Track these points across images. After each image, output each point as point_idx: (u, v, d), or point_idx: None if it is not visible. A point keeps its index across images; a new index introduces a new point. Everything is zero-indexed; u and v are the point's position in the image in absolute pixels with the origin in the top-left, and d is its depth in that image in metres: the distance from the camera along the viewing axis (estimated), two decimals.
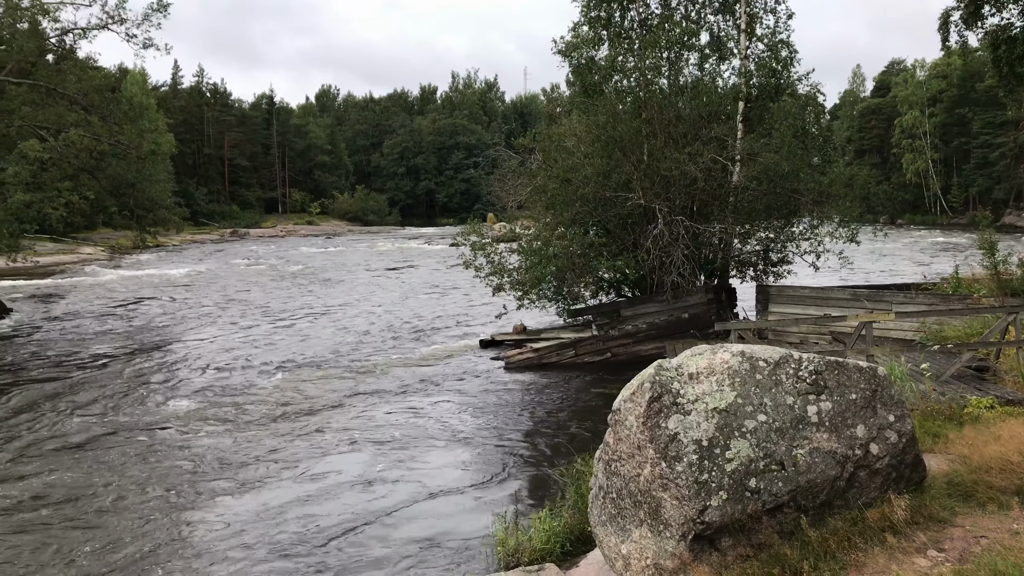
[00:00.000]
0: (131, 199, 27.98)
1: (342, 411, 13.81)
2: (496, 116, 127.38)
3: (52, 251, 50.04)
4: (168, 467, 10.96)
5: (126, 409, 14.16)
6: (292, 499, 9.58)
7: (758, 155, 17.81)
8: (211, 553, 8.19)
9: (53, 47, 26.77)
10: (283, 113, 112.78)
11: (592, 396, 14.82)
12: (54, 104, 25.93)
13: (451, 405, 14.16)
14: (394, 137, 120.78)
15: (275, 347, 19.94)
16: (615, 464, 5.14)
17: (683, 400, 4.86)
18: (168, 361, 18.57)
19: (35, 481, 10.40)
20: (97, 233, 63.78)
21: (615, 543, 5.17)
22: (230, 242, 73.77)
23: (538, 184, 18.67)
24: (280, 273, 41.07)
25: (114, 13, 25.76)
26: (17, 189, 23.15)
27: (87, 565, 7.94)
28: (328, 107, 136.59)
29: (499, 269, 18.56)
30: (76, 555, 8.17)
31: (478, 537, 8.34)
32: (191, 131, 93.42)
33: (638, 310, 18.15)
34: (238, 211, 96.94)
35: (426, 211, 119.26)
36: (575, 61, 20.21)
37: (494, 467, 10.87)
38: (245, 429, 12.76)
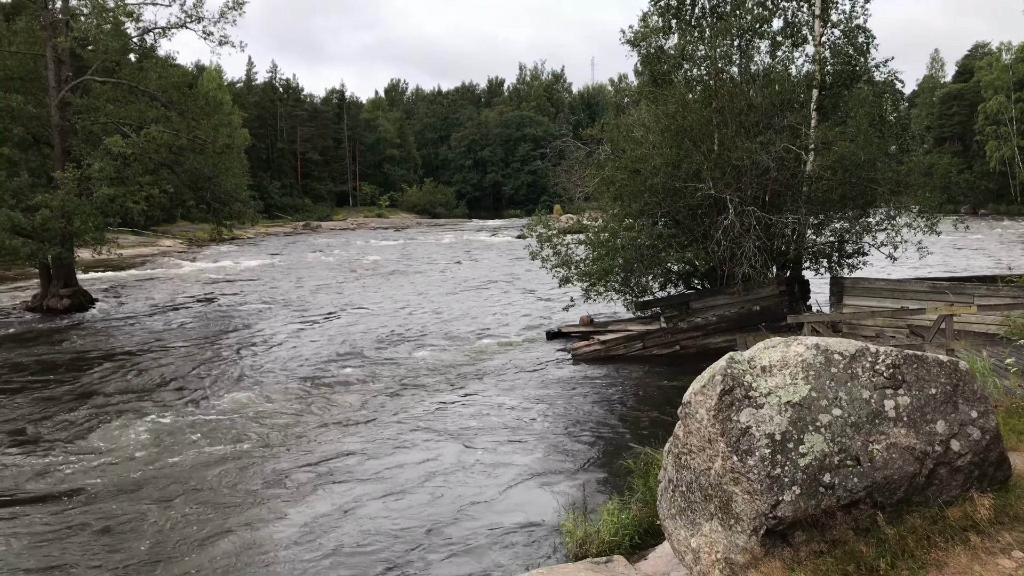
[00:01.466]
0: (208, 193, 28.80)
1: (409, 402, 14.00)
2: (563, 107, 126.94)
3: (134, 244, 51.91)
4: (242, 453, 11.29)
5: (202, 397, 14.63)
6: (365, 489, 9.75)
7: (833, 144, 17.36)
8: (284, 543, 8.41)
9: (135, 46, 27.72)
10: (353, 108, 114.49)
11: (660, 389, 14.71)
12: (136, 101, 26.90)
13: (518, 396, 14.22)
14: (462, 130, 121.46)
15: (345, 337, 20.31)
16: (685, 457, 5.10)
17: (755, 393, 4.79)
18: (242, 350, 19.10)
19: (122, 464, 10.84)
20: (176, 226, 65.89)
21: (685, 536, 5.14)
22: (303, 235, 75.36)
23: (606, 175, 18.54)
24: (350, 265, 41.78)
25: (192, 12, 26.58)
26: (102, 183, 24.06)
27: (176, 547, 8.26)
28: (397, 101, 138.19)
29: (566, 261, 18.53)
30: (160, 534, 8.51)
31: (546, 527, 8.38)
32: (265, 126, 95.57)
33: (708, 302, 17.91)
34: (310, 204, 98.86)
35: (493, 203, 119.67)
36: (644, 51, 20.01)
37: (561, 458, 10.89)
38: (318, 419, 13.05)
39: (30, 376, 16.58)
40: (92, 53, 26.43)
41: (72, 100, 25.52)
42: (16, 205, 23.30)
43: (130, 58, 27.96)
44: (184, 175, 27.70)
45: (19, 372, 17.02)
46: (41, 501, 9.56)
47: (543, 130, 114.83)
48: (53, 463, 10.94)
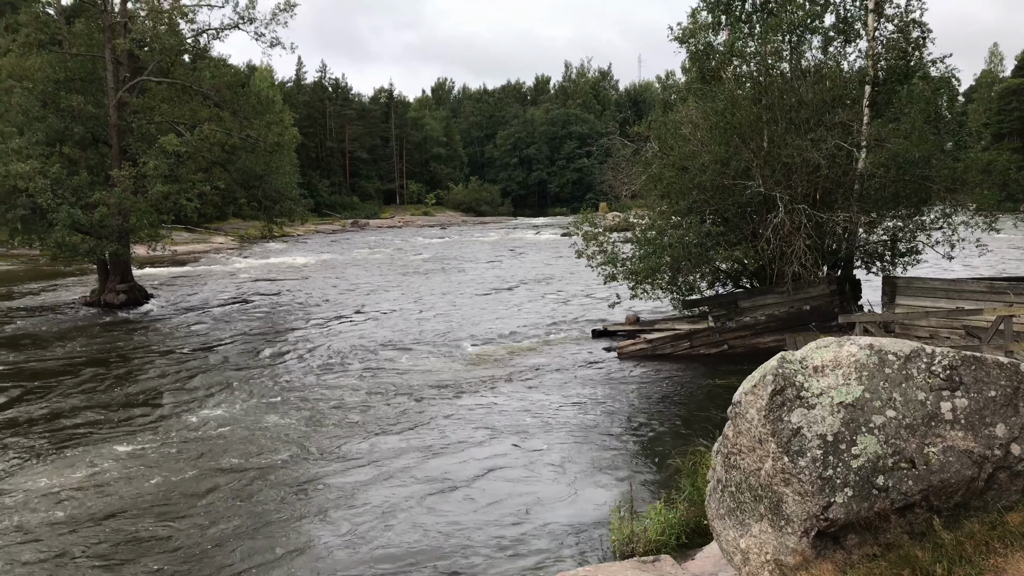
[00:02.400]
0: (259, 191, 29.27)
1: (453, 399, 14.09)
2: (609, 105, 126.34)
3: (187, 240, 53.01)
4: (291, 448, 11.48)
5: (250, 392, 14.90)
6: (413, 486, 9.84)
7: (886, 141, 17.02)
8: (335, 539, 8.53)
9: (189, 47, 28.30)
10: (400, 106, 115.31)
11: (708, 388, 14.59)
12: (190, 101, 27.47)
13: (563, 394, 14.22)
14: (507, 128, 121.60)
15: (391, 334, 20.50)
16: (734, 457, 5.06)
17: (807, 394, 4.74)
18: (290, 346, 19.40)
19: (169, 455, 11.10)
20: (228, 223, 67.12)
21: (733, 537, 5.10)
22: (351, 232, 76.22)
23: (653, 172, 18.42)
24: (397, 262, 42.15)
25: (244, 13, 27.04)
26: (156, 181, 24.62)
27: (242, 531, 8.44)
28: (443, 100, 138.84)
29: (612, 259, 18.45)
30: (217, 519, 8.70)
31: (592, 524, 8.38)
32: (314, 125, 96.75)
33: (757, 301, 17.70)
34: (358, 202, 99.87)
35: (538, 201, 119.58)
36: (692, 47, 19.82)
37: (607, 456, 10.87)
38: (366, 416, 13.21)
39: (89, 367, 17.05)
40: (148, 54, 27.06)
41: (129, 100, 26.16)
42: (76, 203, 23.95)
43: (184, 59, 28.53)
44: (236, 173, 28.20)
45: (78, 363, 17.51)
46: (94, 488, 9.84)
47: (589, 128, 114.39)
48: (107, 451, 11.25)
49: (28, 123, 25.05)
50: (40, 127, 25.16)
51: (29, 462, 10.98)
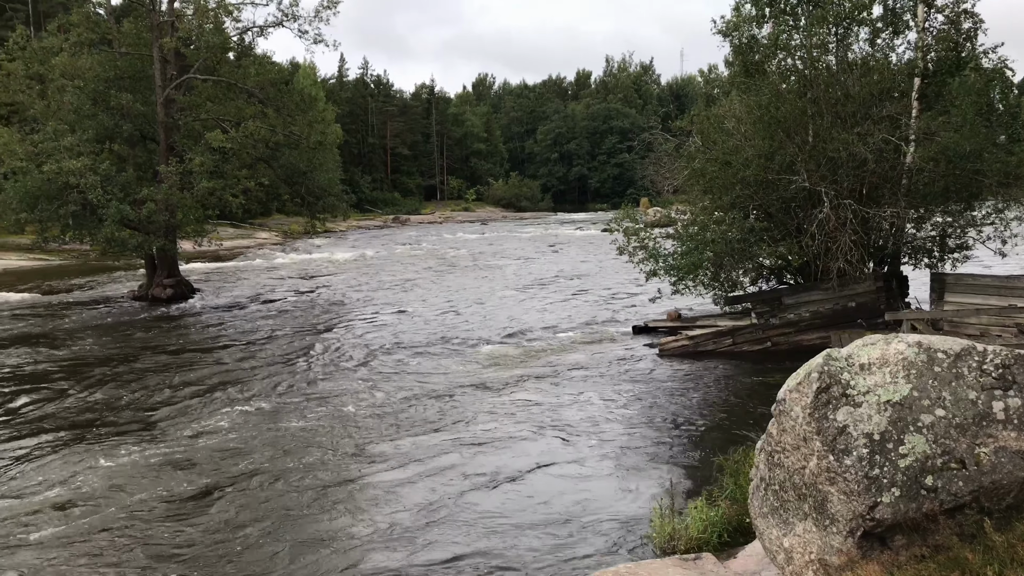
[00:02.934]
0: (303, 187, 29.62)
1: (493, 396, 14.11)
2: (651, 99, 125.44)
3: (232, 236, 53.82)
4: (331, 444, 11.61)
5: (293, 385, 15.10)
6: (455, 482, 9.87)
7: (935, 134, 16.64)
8: (377, 535, 8.61)
9: (234, 45, 28.72)
10: (441, 103, 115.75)
11: (750, 386, 14.43)
12: (235, 98, 27.87)
13: (604, 390, 14.17)
14: (548, 123, 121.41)
15: (430, 329, 20.61)
16: (778, 455, 5.00)
17: (853, 392, 4.66)
18: (330, 340, 19.62)
19: (216, 446, 11.30)
20: (272, 219, 68.01)
21: (777, 536, 5.05)
22: (392, 228, 76.76)
23: (696, 167, 18.24)
24: (437, 258, 42.35)
25: (288, 11, 27.36)
26: (202, 177, 25.06)
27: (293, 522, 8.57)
28: (484, 95, 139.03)
29: (653, 255, 18.32)
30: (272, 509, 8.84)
31: (633, 522, 8.34)
32: (356, 121, 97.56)
33: (801, 298, 17.46)
34: (399, 198, 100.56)
35: (578, 197, 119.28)
36: (736, 40, 19.57)
37: (648, 453, 10.82)
38: (406, 411, 13.30)
39: (134, 360, 17.42)
40: (194, 52, 27.52)
41: (176, 97, 26.63)
42: (125, 199, 24.47)
43: (229, 56, 28.96)
44: (280, 169, 28.57)
45: (125, 356, 17.90)
46: (144, 476, 10.06)
47: (630, 122, 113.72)
48: (158, 442, 11.48)
49: (79, 121, 25.64)
50: (91, 125, 25.74)
51: (74, 451, 11.25)
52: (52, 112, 25.57)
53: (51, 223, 25.55)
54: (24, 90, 25.95)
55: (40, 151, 24.27)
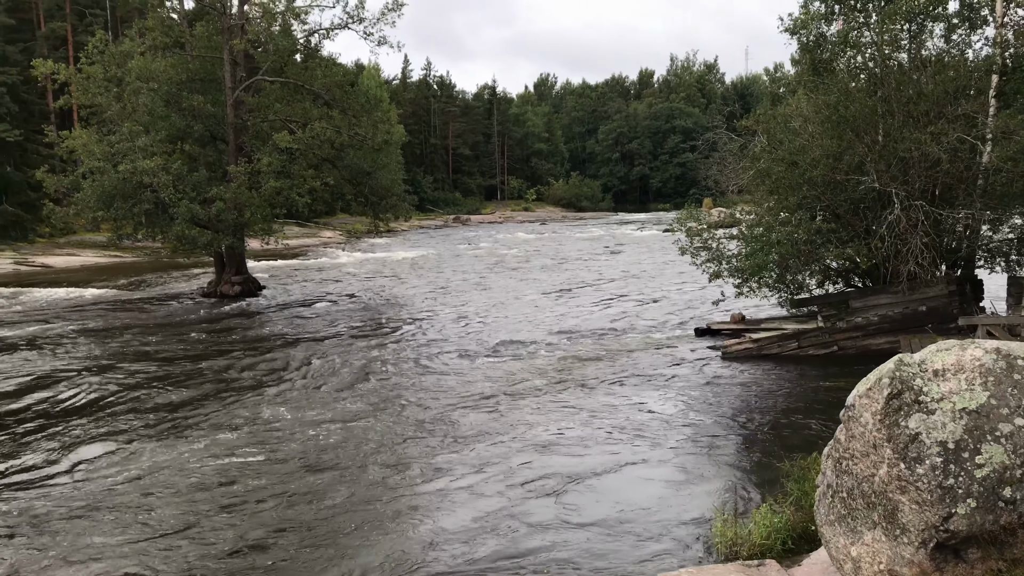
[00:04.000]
0: (366, 187, 30.05)
1: (553, 397, 14.09)
2: (715, 98, 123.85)
3: (297, 235, 54.92)
4: (395, 443, 11.75)
5: (358, 381, 15.33)
6: (507, 482, 9.88)
7: (1015, 133, 16.04)
8: (442, 537, 8.68)
9: (301, 47, 29.28)
10: (503, 103, 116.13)
11: (816, 390, 14.13)
12: (301, 99, 28.42)
13: (665, 392, 14.04)
14: (609, 123, 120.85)
15: (491, 329, 20.69)
16: (846, 462, 4.89)
17: (926, 398, 4.53)
18: (391, 338, 19.85)
19: (282, 441, 11.54)
20: (336, 218, 69.20)
21: (844, 544, 4.94)
22: (453, 228, 77.37)
23: (761, 167, 17.92)
24: (497, 258, 42.50)
25: (354, 13, 27.77)
26: (270, 177, 25.61)
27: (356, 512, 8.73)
28: (546, 95, 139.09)
29: (717, 256, 18.08)
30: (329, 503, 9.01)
31: (695, 526, 8.25)
32: (419, 122, 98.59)
33: (869, 301, 17.02)
34: (460, 198, 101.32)
35: (639, 197, 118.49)
36: (803, 38, 19.19)
37: (711, 456, 10.68)
38: (459, 409, 13.39)
39: (203, 355, 17.90)
40: (263, 55, 28.14)
41: (245, 99, 27.27)
42: (195, 198, 25.17)
43: (296, 58, 29.53)
44: (344, 170, 29.02)
45: (196, 351, 18.41)
46: (198, 472, 10.33)
47: (693, 122, 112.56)
48: (224, 437, 11.79)
49: (153, 122, 26.45)
50: (164, 126, 26.53)
51: (143, 444, 11.61)
52: (128, 113, 26.43)
53: (125, 221, 26.43)
54: (102, 92, 26.88)
55: (116, 151, 25.13)
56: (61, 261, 42.14)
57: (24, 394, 14.74)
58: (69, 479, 10.24)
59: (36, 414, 13.46)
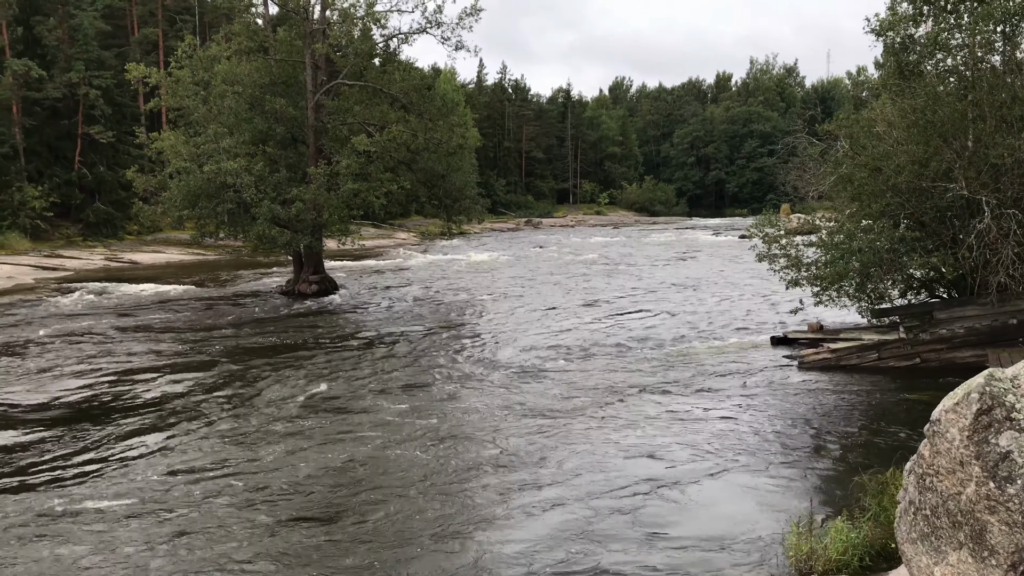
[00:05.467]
0: (441, 190, 30.39)
1: (621, 404, 13.99)
2: (795, 102, 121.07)
3: (373, 235, 55.84)
4: (473, 440, 11.84)
5: (429, 382, 15.52)
6: (579, 496, 9.82)
7: None
8: (504, 545, 8.71)
9: (380, 51, 29.79)
10: (577, 106, 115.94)
11: (896, 404, 13.70)
12: (379, 103, 28.90)
13: (738, 401, 13.81)
14: (685, 126, 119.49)
15: (558, 334, 20.65)
16: (930, 479, 4.73)
17: (1019, 416, 4.35)
18: (468, 339, 20.02)
19: (358, 440, 11.75)
20: (410, 220, 70.14)
21: (927, 564, 4.77)
22: (524, 231, 77.60)
23: (843, 173, 17.47)
24: (568, 261, 42.44)
25: (432, 18, 28.09)
26: (348, 179, 26.13)
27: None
28: (620, 99, 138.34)
29: (795, 263, 17.70)
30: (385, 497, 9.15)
31: (767, 540, 8.08)
32: (493, 125, 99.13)
33: (955, 313, 16.41)
34: (532, 201, 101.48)
35: (714, 202, 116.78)
36: (889, 40, 18.63)
37: (785, 467, 10.46)
38: (530, 414, 13.41)
39: (281, 351, 18.37)
40: (343, 59, 28.74)
41: (325, 102, 27.89)
42: (276, 198, 25.85)
43: (375, 62, 30.04)
44: (420, 173, 29.39)
45: (275, 346, 18.92)
46: (275, 466, 10.59)
47: (771, 126, 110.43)
48: (292, 432, 12.07)
49: (237, 124, 27.26)
50: (247, 128, 27.32)
51: (225, 436, 11.97)
52: (213, 116, 27.31)
53: (209, 220, 27.33)
54: (190, 95, 27.84)
55: (202, 152, 26.01)
56: (148, 258, 43.80)
57: (113, 385, 15.36)
58: (161, 466, 10.63)
59: (125, 405, 14.02)
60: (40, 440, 11.89)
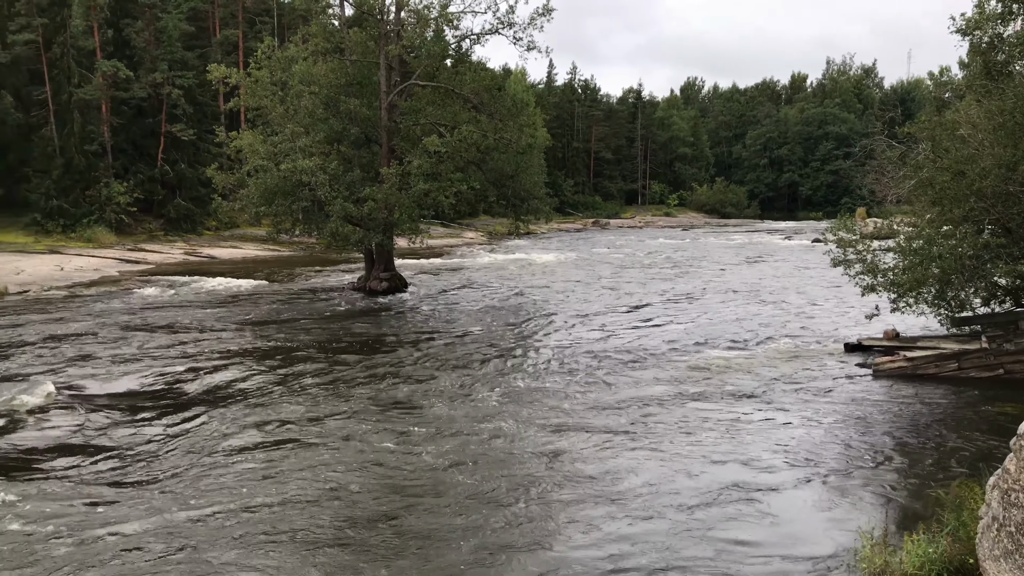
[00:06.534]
0: (509, 190, 30.52)
1: (688, 409, 13.84)
2: (873, 104, 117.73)
3: (441, 234, 56.43)
4: (539, 442, 11.90)
5: (499, 381, 15.61)
6: (641, 507, 9.71)
7: None
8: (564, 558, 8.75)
9: (452, 52, 30.06)
10: (648, 107, 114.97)
11: (976, 415, 13.24)
12: (451, 103, 29.16)
13: (810, 409, 13.53)
14: (758, 128, 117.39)
15: (624, 335, 20.53)
16: (1016, 494, 4.60)
17: None
18: (533, 338, 20.08)
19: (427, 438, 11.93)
20: (478, 220, 70.67)
21: None
22: (591, 231, 77.39)
23: (924, 176, 16.97)
24: (636, 263, 42.15)
25: (504, 18, 28.20)
26: (419, 179, 26.46)
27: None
28: (692, 99, 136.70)
29: (871, 268, 17.27)
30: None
31: (841, 550, 7.93)
32: (563, 126, 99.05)
33: None
34: (600, 202, 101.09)
35: (787, 204, 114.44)
36: (976, 39, 18.01)
37: (858, 478, 10.23)
38: (597, 416, 13.39)
39: (352, 348, 18.74)
40: (416, 60, 29.08)
41: (398, 103, 28.28)
42: (349, 197, 26.34)
43: (447, 63, 30.32)
44: (489, 173, 29.56)
45: (344, 343, 19.31)
46: (351, 463, 10.80)
47: (848, 128, 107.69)
48: (361, 430, 12.31)
49: (313, 124, 27.85)
50: (323, 128, 27.89)
51: (296, 426, 12.28)
52: (290, 116, 27.94)
53: (284, 217, 28.00)
54: (268, 95, 28.56)
55: (278, 151, 26.65)
56: (225, 253, 45.12)
57: (192, 373, 15.90)
58: (249, 456, 10.98)
59: (204, 394, 14.50)
60: (137, 421, 12.40)
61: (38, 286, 29.14)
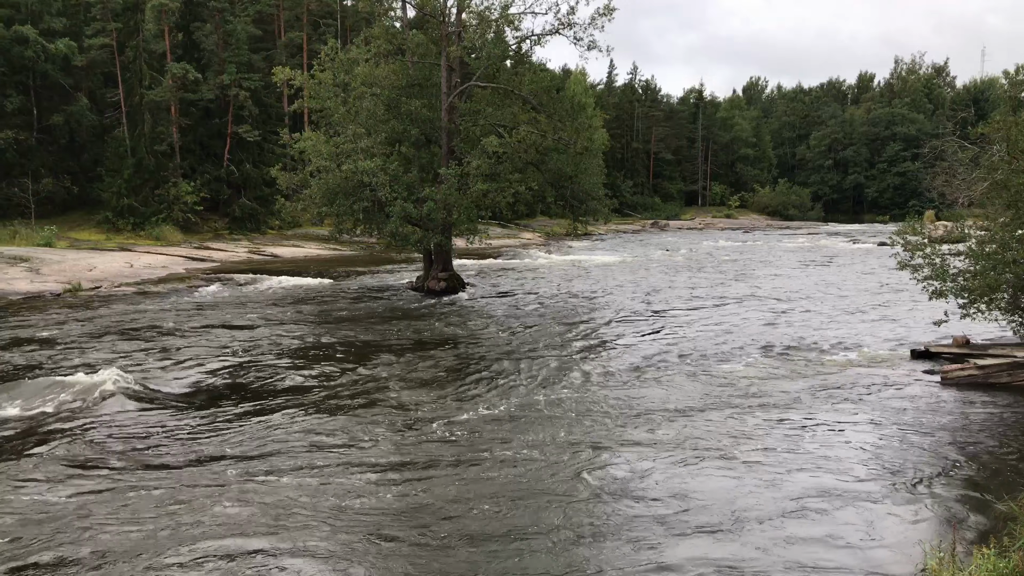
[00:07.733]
0: (568, 191, 30.45)
1: (756, 414, 13.64)
2: (943, 104, 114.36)
3: (499, 235, 56.59)
4: (591, 445, 11.87)
5: (560, 382, 15.60)
6: (710, 512, 9.61)
7: None
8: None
9: (512, 53, 30.10)
10: (709, 107, 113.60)
11: None
12: (510, 104, 29.21)
13: (877, 416, 13.21)
14: (822, 128, 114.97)
15: (680, 341, 20.24)
16: None
17: None
18: (589, 341, 20.01)
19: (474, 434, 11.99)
20: (536, 220, 70.72)
21: None
22: (650, 232, 76.82)
23: (998, 179, 16.45)
24: (695, 265, 41.68)
25: (565, 19, 28.13)
26: (478, 180, 26.58)
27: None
28: (755, 99, 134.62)
29: (940, 273, 16.79)
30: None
31: (904, 565, 7.73)
32: (622, 126, 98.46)
33: None
34: (659, 203, 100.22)
35: (852, 207, 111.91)
36: None
37: (923, 489, 9.94)
38: (655, 421, 13.27)
39: (411, 347, 18.93)
40: (476, 61, 29.22)
41: (458, 104, 28.46)
42: (408, 197, 26.61)
43: (506, 64, 30.37)
44: (547, 174, 29.53)
45: (406, 339, 19.54)
46: (408, 462, 10.91)
47: (916, 129, 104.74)
48: (419, 427, 12.43)
49: (374, 125, 28.20)
50: (384, 129, 28.21)
51: (361, 428, 12.46)
52: (352, 117, 28.35)
53: (345, 217, 28.41)
54: (331, 97, 29.03)
55: (340, 152, 27.05)
56: (287, 252, 46.00)
57: (257, 369, 16.27)
58: (309, 452, 11.21)
59: (265, 388, 14.83)
60: (215, 414, 12.75)
61: (109, 282, 30.12)
